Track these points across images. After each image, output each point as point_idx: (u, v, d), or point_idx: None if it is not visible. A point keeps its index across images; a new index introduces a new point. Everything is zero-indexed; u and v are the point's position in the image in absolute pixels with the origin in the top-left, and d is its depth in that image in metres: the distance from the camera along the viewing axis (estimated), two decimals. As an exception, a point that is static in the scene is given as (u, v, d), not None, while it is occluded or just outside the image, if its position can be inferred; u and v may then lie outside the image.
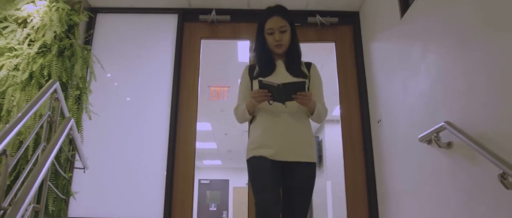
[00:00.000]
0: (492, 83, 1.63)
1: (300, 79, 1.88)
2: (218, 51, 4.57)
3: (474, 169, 1.73)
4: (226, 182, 13.44)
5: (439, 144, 1.94)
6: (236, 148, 10.32)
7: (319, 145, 7.16)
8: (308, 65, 2.06)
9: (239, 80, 2.14)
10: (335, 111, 6.80)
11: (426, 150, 2.16)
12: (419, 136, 2.12)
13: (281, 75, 1.94)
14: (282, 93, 1.67)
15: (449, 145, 1.92)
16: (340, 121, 3.30)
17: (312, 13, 3.51)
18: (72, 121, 2.06)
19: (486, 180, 1.62)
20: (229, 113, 6.82)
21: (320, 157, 7.07)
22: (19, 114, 1.60)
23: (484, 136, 1.64)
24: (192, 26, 3.44)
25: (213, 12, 3.36)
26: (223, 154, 11.20)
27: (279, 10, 1.99)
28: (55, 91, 2.08)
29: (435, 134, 1.97)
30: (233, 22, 3.49)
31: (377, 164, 3.00)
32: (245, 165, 1.89)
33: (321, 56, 4.37)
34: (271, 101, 1.77)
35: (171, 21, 3.44)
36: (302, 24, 3.50)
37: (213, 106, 6.69)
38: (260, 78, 1.64)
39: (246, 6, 3.47)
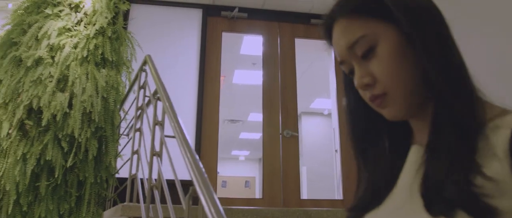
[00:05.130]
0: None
1: None
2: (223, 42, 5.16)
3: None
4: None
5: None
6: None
7: (296, 135, 7.88)
8: None
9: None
10: (313, 104, 7.56)
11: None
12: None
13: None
14: None
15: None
16: (316, 113, 4.00)
17: (315, 16, 4.21)
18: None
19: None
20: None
21: (297, 145, 7.80)
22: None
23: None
24: (214, 20, 4.03)
25: (236, 10, 3.97)
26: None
27: (340, 8, 0.68)
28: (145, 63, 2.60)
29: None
30: (249, 19, 4.11)
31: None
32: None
33: (313, 52, 5.07)
34: None
35: (197, 14, 4.01)
36: (306, 24, 4.19)
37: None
38: None
39: (260, 6, 4.11)
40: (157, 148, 1.70)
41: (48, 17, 3.36)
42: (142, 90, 2.44)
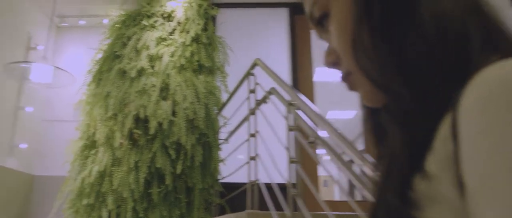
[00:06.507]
0: None
1: None
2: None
3: None
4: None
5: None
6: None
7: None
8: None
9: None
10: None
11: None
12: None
13: None
14: None
15: None
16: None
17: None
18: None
19: None
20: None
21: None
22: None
23: None
24: (302, 19, 3.95)
25: (324, 6, 3.87)
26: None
27: None
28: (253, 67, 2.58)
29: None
30: (337, 14, 3.99)
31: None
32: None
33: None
34: None
35: (283, 14, 3.95)
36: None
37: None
38: None
39: (348, 0, 3.97)
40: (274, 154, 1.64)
41: (144, 28, 3.47)
42: (251, 94, 2.41)
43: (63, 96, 4.10)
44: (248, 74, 2.60)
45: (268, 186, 2.09)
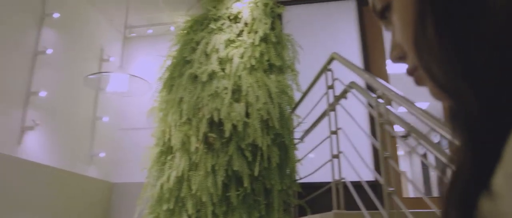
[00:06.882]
0: None
1: None
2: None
3: None
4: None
5: None
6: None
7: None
8: None
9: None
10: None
11: None
12: None
13: None
14: None
15: None
16: None
17: None
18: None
19: None
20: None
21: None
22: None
23: None
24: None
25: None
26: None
27: None
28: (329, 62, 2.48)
29: None
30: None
31: None
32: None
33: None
34: None
35: (351, 6, 3.79)
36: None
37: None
38: None
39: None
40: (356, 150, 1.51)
41: (212, 32, 3.46)
42: (330, 90, 2.30)
43: (136, 105, 4.21)
44: (325, 69, 2.48)
45: (355, 184, 1.96)
